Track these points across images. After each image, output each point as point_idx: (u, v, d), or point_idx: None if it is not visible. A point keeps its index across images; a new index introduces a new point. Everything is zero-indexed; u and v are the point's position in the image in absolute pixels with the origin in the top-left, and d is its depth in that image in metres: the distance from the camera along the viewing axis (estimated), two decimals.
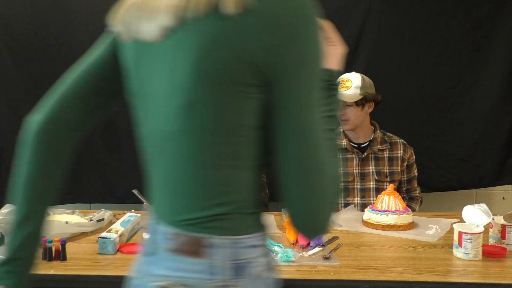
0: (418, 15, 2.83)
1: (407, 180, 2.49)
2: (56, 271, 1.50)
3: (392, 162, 2.44)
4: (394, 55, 2.86)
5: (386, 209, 1.95)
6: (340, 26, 3.33)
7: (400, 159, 2.45)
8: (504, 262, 1.60)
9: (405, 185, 2.49)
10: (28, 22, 2.77)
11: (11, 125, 2.76)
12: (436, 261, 1.59)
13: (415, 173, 2.51)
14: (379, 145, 2.44)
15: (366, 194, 2.41)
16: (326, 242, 1.76)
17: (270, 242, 1.68)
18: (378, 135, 2.46)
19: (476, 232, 1.60)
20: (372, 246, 1.75)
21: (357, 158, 2.42)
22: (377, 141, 2.45)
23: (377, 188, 2.40)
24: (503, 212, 1.75)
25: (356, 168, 2.41)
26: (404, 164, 2.46)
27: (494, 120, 2.86)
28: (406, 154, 2.47)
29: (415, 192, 2.52)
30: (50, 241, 1.57)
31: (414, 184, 2.52)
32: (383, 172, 2.41)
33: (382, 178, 2.41)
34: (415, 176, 2.51)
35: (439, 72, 2.85)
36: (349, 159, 2.43)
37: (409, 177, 2.49)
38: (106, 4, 3.21)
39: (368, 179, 2.42)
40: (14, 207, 0.95)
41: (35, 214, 0.96)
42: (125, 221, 1.84)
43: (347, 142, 2.45)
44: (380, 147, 2.44)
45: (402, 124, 2.86)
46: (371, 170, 2.42)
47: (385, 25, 2.85)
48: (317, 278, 1.47)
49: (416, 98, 2.89)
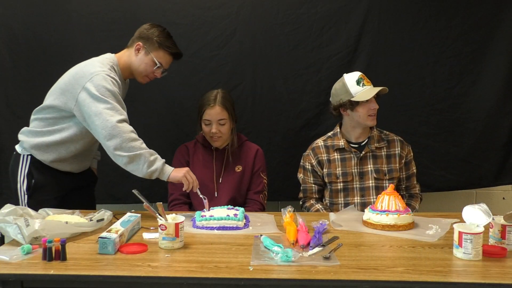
0: (418, 15, 2.84)
1: (406, 177, 2.49)
2: (56, 271, 1.50)
3: (390, 160, 2.44)
4: (394, 55, 2.87)
5: (386, 209, 1.95)
6: (340, 26, 3.38)
7: (398, 156, 2.45)
8: (504, 262, 1.60)
9: (404, 183, 2.49)
10: (28, 22, 2.77)
11: (10, 125, 2.76)
12: (436, 261, 1.59)
13: (413, 170, 2.51)
14: (376, 143, 2.44)
15: (365, 193, 2.41)
16: (326, 242, 1.76)
17: (270, 242, 1.68)
18: (375, 133, 2.46)
19: (476, 232, 1.60)
20: (372, 246, 1.75)
21: (355, 157, 2.42)
22: (374, 139, 2.45)
23: (376, 186, 2.40)
24: (503, 212, 1.75)
25: (354, 168, 2.42)
26: (402, 161, 2.46)
27: (494, 120, 2.86)
28: (403, 151, 2.47)
29: (415, 189, 2.52)
30: (50, 241, 1.57)
31: (413, 181, 2.51)
32: (382, 170, 2.41)
33: (381, 176, 2.41)
34: (414, 173, 2.51)
35: (439, 72, 2.86)
36: (347, 159, 2.43)
37: (408, 174, 2.49)
38: (106, 5, 3.25)
39: (367, 177, 2.42)
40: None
41: None
42: (125, 221, 1.84)
43: (345, 142, 2.45)
44: (377, 145, 2.44)
45: (402, 124, 2.86)
46: (369, 169, 2.42)
47: (385, 25, 2.85)
48: (317, 278, 1.47)
49: (416, 98, 2.89)
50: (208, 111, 2.37)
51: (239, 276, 1.48)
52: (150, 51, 2.23)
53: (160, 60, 2.25)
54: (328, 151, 2.46)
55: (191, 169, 2.44)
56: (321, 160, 2.46)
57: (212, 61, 2.86)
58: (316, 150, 2.48)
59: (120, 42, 2.80)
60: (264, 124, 2.92)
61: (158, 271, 1.52)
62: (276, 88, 2.90)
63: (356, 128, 2.45)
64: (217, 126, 2.38)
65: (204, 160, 2.47)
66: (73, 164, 2.28)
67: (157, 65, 2.24)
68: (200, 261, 1.59)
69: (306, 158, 2.51)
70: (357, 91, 2.35)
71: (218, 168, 2.45)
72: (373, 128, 2.47)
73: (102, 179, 2.91)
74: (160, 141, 2.90)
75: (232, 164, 2.46)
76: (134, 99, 2.88)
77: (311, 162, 2.48)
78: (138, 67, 2.26)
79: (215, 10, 2.84)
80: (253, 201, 2.44)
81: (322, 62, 2.86)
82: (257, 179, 2.47)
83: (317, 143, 2.51)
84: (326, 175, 2.44)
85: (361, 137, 2.47)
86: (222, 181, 2.43)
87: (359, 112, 2.38)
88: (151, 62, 2.24)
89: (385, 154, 2.44)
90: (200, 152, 2.49)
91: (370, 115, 2.38)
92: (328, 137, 2.52)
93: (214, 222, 1.95)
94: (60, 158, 2.21)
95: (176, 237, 1.69)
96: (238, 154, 2.48)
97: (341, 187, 2.42)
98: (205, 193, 2.40)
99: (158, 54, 2.24)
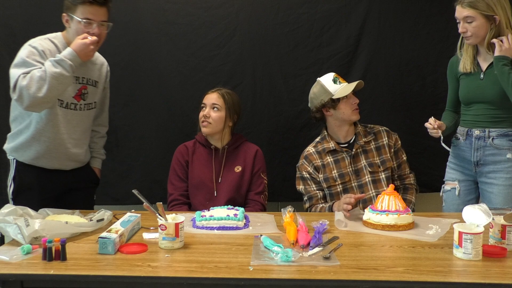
0: (418, 15, 2.84)
1: (397, 165, 2.49)
2: (56, 271, 1.50)
3: (380, 151, 2.45)
4: (394, 55, 2.87)
5: (386, 209, 1.95)
6: (340, 26, 3.38)
7: (387, 146, 2.47)
8: (504, 262, 1.59)
9: (396, 172, 2.49)
10: (28, 22, 2.77)
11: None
12: (436, 261, 1.59)
13: (403, 157, 2.51)
14: (364, 138, 2.46)
15: (364, 189, 2.41)
16: (326, 242, 1.76)
17: (270, 242, 1.68)
18: (360, 129, 2.49)
19: (476, 232, 1.60)
20: (372, 246, 1.75)
21: (348, 156, 2.43)
22: (361, 135, 2.47)
23: (373, 180, 2.41)
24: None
25: (349, 167, 2.43)
26: (392, 150, 2.47)
27: None
28: (391, 140, 2.49)
29: (409, 180, 2.51)
30: (50, 241, 1.57)
31: (405, 169, 2.51)
32: (375, 163, 2.43)
33: (376, 169, 2.42)
34: (404, 160, 2.51)
35: (439, 72, 2.85)
36: (340, 160, 2.44)
37: (399, 163, 2.50)
38: None
39: (362, 174, 2.42)
40: None
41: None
42: (125, 221, 1.84)
43: (335, 144, 2.46)
44: (365, 140, 2.46)
45: (402, 124, 2.86)
46: (363, 165, 2.43)
47: (385, 25, 2.85)
48: (317, 278, 1.47)
49: (416, 98, 2.89)
50: (206, 96, 2.46)
51: (239, 276, 1.48)
52: (72, 15, 2.12)
53: (83, 15, 2.11)
54: (321, 156, 2.47)
55: (191, 169, 2.44)
56: (317, 166, 2.47)
57: (212, 61, 2.86)
58: (310, 157, 2.49)
59: (120, 42, 2.81)
60: (264, 124, 2.92)
61: (158, 271, 1.52)
62: (276, 88, 2.90)
63: (342, 127, 2.47)
64: (209, 110, 2.41)
65: (203, 159, 2.47)
66: (56, 159, 2.23)
67: (83, 21, 2.10)
68: (200, 261, 1.59)
69: (301, 168, 2.51)
70: (336, 89, 2.42)
71: (218, 168, 2.45)
72: (357, 124, 2.50)
73: (101, 179, 2.91)
74: (159, 141, 2.91)
75: (232, 164, 2.46)
76: (134, 99, 2.89)
77: (308, 170, 2.48)
78: (73, 37, 2.13)
79: (215, 10, 2.84)
80: (254, 202, 2.44)
81: (322, 62, 2.86)
82: (258, 179, 2.47)
83: (308, 151, 2.52)
84: (323, 180, 2.44)
85: (348, 136, 2.49)
86: (221, 181, 2.43)
87: (341, 109, 2.42)
88: (78, 24, 2.12)
89: (374, 146, 2.46)
90: (199, 151, 2.49)
91: (353, 110, 2.44)
92: (317, 142, 2.53)
93: (214, 222, 1.95)
94: (39, 154, 2.19)
95: (176, 237, 1.69)
96: (237, 154, 2.48)
97: (340, 189, 2.43)
98: (204, 193, 2.40)
99: (78, 11, 2.11)
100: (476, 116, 2.27)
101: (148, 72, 2.86)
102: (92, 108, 2.33)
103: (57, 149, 2.22)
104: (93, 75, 2.31)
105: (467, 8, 2.15)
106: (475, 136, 2.27)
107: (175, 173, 2.47)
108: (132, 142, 2.92)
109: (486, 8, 2.13)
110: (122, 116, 2.88)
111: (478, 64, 2.27)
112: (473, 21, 2.16)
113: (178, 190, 2.42)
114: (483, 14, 2.14)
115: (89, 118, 2.34)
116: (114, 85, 2.87)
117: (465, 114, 2.35)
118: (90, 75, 2.29)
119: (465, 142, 2.31)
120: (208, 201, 2.37)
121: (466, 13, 2.15)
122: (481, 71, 2.25)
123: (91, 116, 2.36)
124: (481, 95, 2.24)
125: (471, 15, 2.15)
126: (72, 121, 2.23)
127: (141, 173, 2.93)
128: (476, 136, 2.26)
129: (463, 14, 2.17)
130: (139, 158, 2.93)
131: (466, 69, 2.28)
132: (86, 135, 2.37)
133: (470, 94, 2.29)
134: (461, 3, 2.17)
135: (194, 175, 2.44)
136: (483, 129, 2.25)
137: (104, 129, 2.54)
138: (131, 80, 2.86)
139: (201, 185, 2.41)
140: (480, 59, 2.27)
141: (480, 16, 2.14)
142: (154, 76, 2.87)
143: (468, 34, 2.19)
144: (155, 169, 2.88)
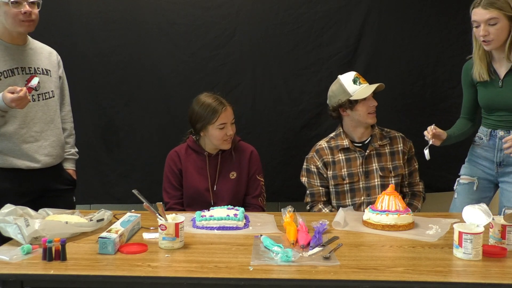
0: (418, 15, 2.84)
1: (408, 173, 2.49)
2: (56, 271, 1.50)
3: (394, 157, 2.44)
4: (394, 55, 2.87)
5: (386, 209, 1.95)
6: (340, 26, 3.37)
7: (401, 152, 2.45)
8: (504, 262, 1.59)
9: (406, 179, 2.48)
10: None
11: None
12: (436, 261, 1.59)
13: (415, 166, 2.51)
14: (379, 141, 2.44)
15: (371, 192, 2.40)
16: (326, 242, 1.76)
17: (270, 242, 1.68)
18: (376, 131, 2.47)
19: (476, 232, 1.60)
20: (372, 246, 1.75)
21: (360, 157, 2.42)
22: (376, 137, 2.45)
23: (382, 184, 2.39)
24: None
25: (360, 167, 2.41)
26: (406, 157, 2.46)
27: None
28: (406, 147, 2.48)
29: (418, 187, 2.51)
30: (50, 241, 1.57)
31: (415, 177, 2.51)
32: (387, 167, 2.41)
33: (387, 174, 2.41)
34: (416, 169, 2.51)
35: (440, 72, 2.86)
36: (352, 159, 2.43)
37: (410, 170, 2.49)
38: (106, 5, 3.24)
39: (372, 176, 2.41)
40: None
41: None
42: (125, 221, 1.84)
43: (349, 142, 2.44)
44: (380, 143, 2.44)
45: (403, 124, 2.86)
46: (374, 167, 2.41)
47: (385, 25, 2.85)
48: (317, 278, 1.47)
49: (416, 98, 2.89)
50: (223, 115, 2.30)
51: (239, 276, 1.48)
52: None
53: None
54: (333, 152, 2.45)
55: (185, 178, 2.37)
56: (327, 161, 2.45)
57: (212, 61, 2.86)
58: (321, 151, 2.47)
59: (120, 42, 2.81)
60: (264, 124, 2.92)
61: (158, 271, 1.52)
62: (276, 88, 2.90)
63: (357, 128, 2.45)
64: (230, 127, 2.33)
65: (197, 167, 2.39)
66: (24, 155, 2.13)
67: (10, 2, 2.04)
68: (200, 261, 1.59)
69: (310, 160, 2.48)
70: (354, 90, 2.37)
71: (212, 175, 2.38)
72: (374, 126, 2.47)
73: (101, 179, 2.91)
74: (160, 141, 2.91)
75: (227, 170, 2.39)
76: (133, 99, 2.89)
77: (316, 165, 2.46)
78: (5, 21, 2.08)
79: (215, 10, 2.84)
80: (252, 205, 2.40)
81: (322, 62, 2.86)
82: (254, 182, 2.43)
83: (321, 145, 2.49)
84: (332, 177, 2.43)
85: (363, 136, 2.47)
86: (217, 189, 2.38)
87: (358, 110, 2.38)
88: (6, 6, 2.06)
89: (389, 151, 2.44)
90: (192, 158, 2.40)
91: (370, 113, 2.39)
92: (331, 138, 2.50)
93: (214, 222, 1.95)
94: (2, 153, 2.10)
95: (176, 237, 1.69)
96: (231, 159, 2.40)
97: (347, 188, 2.42)
98: (201, 202, 2.34)
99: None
100: (499, 121, 2.22)
101: (148, 72, 2.86)
102: (50, 97, 2.23)
103: (19, 145, 2.12)
104: (42, 64, 2.22)
105: (491, 9, 2.02)
106: (499, 136, 2.22)
107: (169, 182, 2.40)
108: (132, 142, 2.92)
109: (510, 9, 2.03)
110: (122, 116, 2.88)
111: (494, 71, 2.18)
112: (497, 23, 2.03)
113: (173, 198, 2.38)
114: (507, 15, 2.03)
115: (49, 108, 2.23)
116: (114, 85, 2.88)
117: (487, 118, 2.29)
118: (38, 64, 2.21)
119: (489, 142, 2.26)
120: (205, 210, 2.33)
121: (490, 15, 2.02)
122: (499, 79, 2.16)
123: (53, 106, 2.25)
124: (504, 103, 2.16)
125: (495, 16, 2.02)
126: (29, 113, 2.13)
127: (141, 173, 2.93)
128: (501, 136, 2.21)
129: (486, 17, 2.03)
130: (139, 158, 2.93)
131: (482, 78, 2.18)
132: (52, 127, 2.24)
133: (491, 102, 2.22)
134: (482, 5, 2.04)
135: (189, 185, 2.38)
136: (508, 131, 2.19)
137: (69, 124, 2.42)
138: (131, 80, 2.86)
139: (196, 195, 2.36)
140: (496, 65, 2.18)
141: (504, 17, 2.03)
142: (154, 76, 2.86)
143: (490, 38, 2.06)
144: (155, 169, 2.88)
